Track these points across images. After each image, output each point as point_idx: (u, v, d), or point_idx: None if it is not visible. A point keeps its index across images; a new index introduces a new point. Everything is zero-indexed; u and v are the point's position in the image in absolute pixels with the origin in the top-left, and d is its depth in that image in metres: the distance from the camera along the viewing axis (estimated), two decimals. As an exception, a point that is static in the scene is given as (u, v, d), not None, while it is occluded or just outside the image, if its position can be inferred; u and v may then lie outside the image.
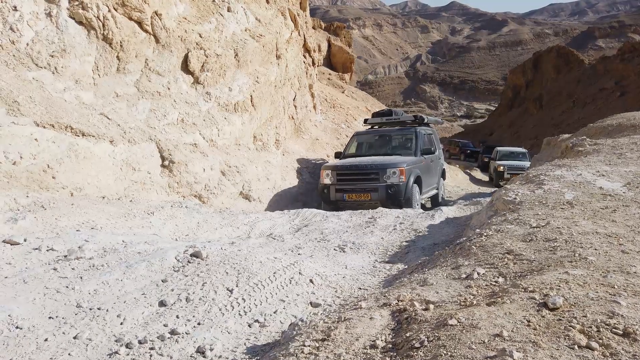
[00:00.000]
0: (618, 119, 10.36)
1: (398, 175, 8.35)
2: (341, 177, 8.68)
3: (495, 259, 2.52)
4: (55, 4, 7.11)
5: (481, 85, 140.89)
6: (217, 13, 10.21)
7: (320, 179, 9.08)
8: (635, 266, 2.06)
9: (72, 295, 2.52)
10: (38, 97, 6.15)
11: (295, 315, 2.54)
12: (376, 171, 8.46)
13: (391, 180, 8.31)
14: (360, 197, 8.39)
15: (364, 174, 8.56)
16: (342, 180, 8.65)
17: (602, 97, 43.19)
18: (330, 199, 8.60)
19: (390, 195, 8.21)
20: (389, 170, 8.36)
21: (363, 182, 8.50)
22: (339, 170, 8.78)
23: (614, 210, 3.30)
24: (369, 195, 8.32)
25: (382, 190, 8.25)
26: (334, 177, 8.73)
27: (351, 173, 8.67)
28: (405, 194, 8.34)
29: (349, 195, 8.44)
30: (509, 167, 20.14)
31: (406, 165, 8.55)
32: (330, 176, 8.79)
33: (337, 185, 8.63)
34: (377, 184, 8.35)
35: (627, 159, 5.45)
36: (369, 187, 8.41)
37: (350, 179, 8.61)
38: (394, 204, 8.10)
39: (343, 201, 8.46)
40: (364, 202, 8.34)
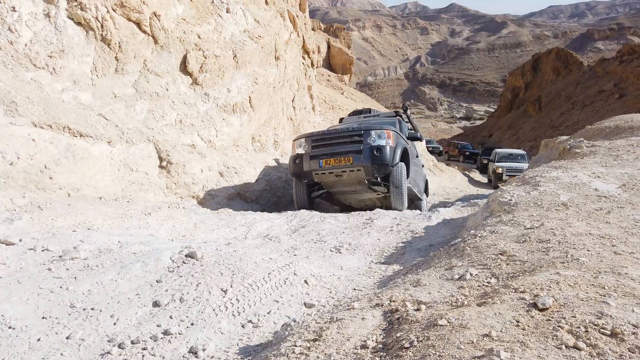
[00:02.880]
0: (616, 121, 10.38)
1: (385, 138, 7.30)
2: (317, 143, 7.57)
3: (488, 260, 2.52)
4: (54, 4, 7.13)
5: (480, 87, 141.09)
6: (216, 14, 10.23)
7: (292, 152, 7.96)
8: (626, 267, 2.07)
9: (65, 296, 2.52)
10: (36, 97, 6.16)
11: (288, 315, 2.54)
12: (359, 133, 7.37)
13: (377, 143, 7.23)
14: (340, 161, 7.17)
15: (345, 137, 7.44)
16: (319, 146, 7.53)
17: (601, 99, 43.24)
18: (304, 169, 7.41)
19: (375, 158, 7.06)
20: (374, 133, 7.32)
21: (344, 145, 7.36)
22: (315, 137, 7.71)
23: (609, 212, 3.31)
24: (350, 158, 7.14)
25: (366, 152, 7.11)
26: (309, 145, 7.59)
27: (329, 138, 7.58)
28: (393, 159, 7.23)
29: (326, 161, 7.23)
30: (507, 168, 20.19)
31: (393, 130, 7.55)
32: (303, 145, 7.66)
33: (312, 152, 7.47)
34: (360, 145, 7.24)
35: (623, 160, 5.46)
36: (350, 149, 7.24)
37: (329, 144, 7.49)
38: (380, 170, 7.14)
39: (319, 169, 7.26)
40: (344, 168, 7.16)
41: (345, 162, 7.16)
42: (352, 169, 7.16)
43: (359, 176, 7.23)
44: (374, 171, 7.09)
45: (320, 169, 7.27)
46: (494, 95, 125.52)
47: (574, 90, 49.47)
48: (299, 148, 7.68)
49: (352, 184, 7.48)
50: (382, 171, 7.14)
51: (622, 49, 48.79)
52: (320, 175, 7.37)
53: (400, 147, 7.49)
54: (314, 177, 7.39)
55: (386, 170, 7.17)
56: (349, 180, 7.37)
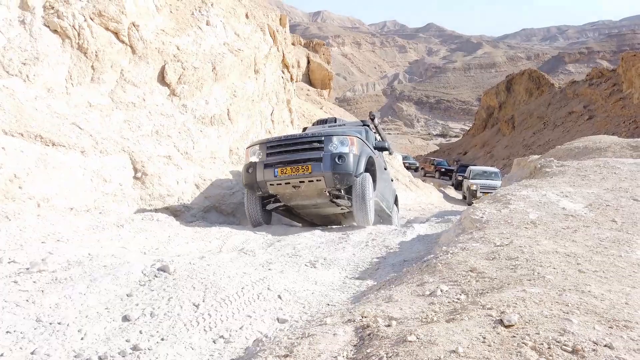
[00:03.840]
0: (585, 142, 10.72)
1: (348, 145, 6.66)
2: (273, 150, 6.88)
3: (459, 277, 2.57)
4: (30, 11, 7.03)
5: (456, 105, 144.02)
6: (196, 26, 10.24)
7: (245, 161, 7.21)
8: (589, 285, 2.14)
9: (32, 309, 2.46)
10: (8, 105, 6.03)
11: (261, 331, 2.53)
12: (319, 139, 6.68)
13: (339, 150, 6.57)
14: (298, 170, 6.47)
15: (304, 144, 6.75)
16: (274, 154, 6.85)
17: (571, 119, 44.60)
18: (257, 179, 6.68)
19: (337, 167, 6.39)
20: (336, 139, 6.68)
21: (302, 153, 6.67)
22: (270, 143, 7.00)
23: (575, 231, 3.41)
24: (309, 167, 6.43)
25: (326, 160, 6.42)
26: (263, 152, 6.91)
27: (286, 144, 6.86)
28: (357, 168, 6.54)
29: (282, 169, 6.53)
30: (481, 186, 20.59)
31: (357, 137, 6.88)
32: (257, 152, 6.98)
33: (266, 160, 6.78)
34: (321, 153, 6.55)
35: (590, 180, 5.64)
36: (309, 157, 6.54)
37: (285, 151, 6.80)
38: (342, 180, 6.47)
39: (274, 178, 6.56)
40: (302, 177, 6.46)
41: (303, 170, 6.46)
42: (311, 179, 6.48)
43: (319, 187, 6.57)
44: (335, 182, 6.46)
45: (276, 178, 6.58)
46: (469, 114, 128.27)
47: (545, 110, 50.94)
48: (252, 156, 7.02)
49: (312, 196, 6.85)
50: (344, 182, 6.50)
51: (592, 72, 50.57)
52: (275, 186, 6.69)
53: (365, 156, 6.85)
54: (269, 188, 6.71)
55: (349, 181, 6.52)
56: (308, 192, 6.72)
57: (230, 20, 11.61)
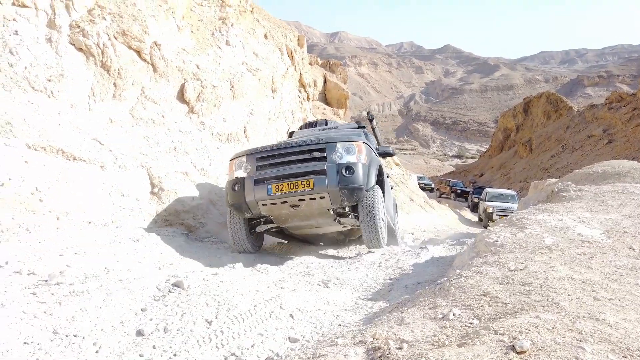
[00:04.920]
0: (604, 166, 10.59)
1: (355, 153, 5.67)
2: (264, 162, 5.78)
3: (472, 301, 2.56)
4: (56, 29, 7.28)
5: (473, 127, 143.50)
6: (216, 46, 10.47)
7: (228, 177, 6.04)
8: (604, 313, 2.12)
9: (49, 321, 2.51)
10: (32, 120, 6.21)
11: (272, 349, 2.54)
12: (321, 147, 5.66)
13: (345, 159, 5.60)
14: (297, 186, 5.38)
15: (302, 153, 5.69)
16: (266, 166, 5.76)
17: (590, 143, 44.08)
18: (246, 198, 5.56)
19: (345, 180, 5.41)
20: (341, 146, 5.67)
21: (300, 164, 5.61)
22: (260, 154, 5.86)
23: (591, 257, 3.37)
24: (311, 181, 5.37)
25: (332, 173, 5.42)
26: (252, 164, 5.80)
27: (280, 154, 5.76)
28: (368, 181, 5.62)
29: (278, 186, 5.43)
30: (498, 208, 20.39)
31: (365, 143, 5.94)
32: (245, 165, 5.85)
33: (257, 174, 5.68)
34: (323, 164, 5.54)
35: (608, 206, 5.57)
36: (310, 169, 5.51)
37: (280, 162, 5.71)
38: (351, 196, 5.50)
39: (268, 197, 5.46)
40: (302, 195, 5.40)
41: (303, 186, 5.38)
42: (313, 196, 5.42)
43: (323, 205, 5.54)
44: (343, 198, 5.47)
45: (269, 197, 5.45)
46: (485, 135, 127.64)
47: (563, 134, 50.46)
48: (238, 170, 5.86)
49: (313, 215, 5.80)
50: (354, 197, 5.52)
51: (611, 96, 50.12)
52: (269, 207, 5.57)
53: (375, 165, 5.93)
54: (261, 209, 5.60)
55: (359, 196, 5.55)
56: (309, 212, 5.66)
57: (249, 40, 11.85)
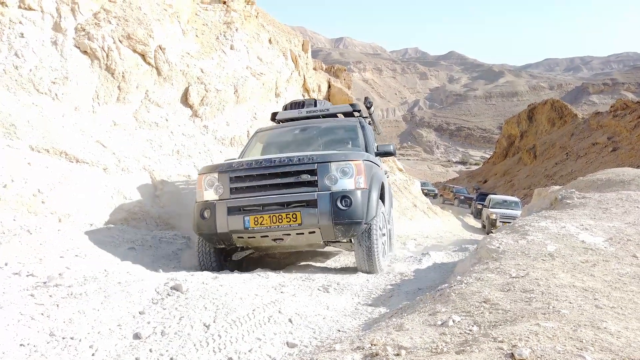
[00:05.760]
0: (608, 174, 10.53)
1: (354, 176, 4.70)
2: (240, 184, 4.78)
3: (472, 307, 2.53)
4: (62, 33, 7.32)
5: (477, 133, 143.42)
6: (220, 50, 10.50)
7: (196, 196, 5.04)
8: (606, 322, 2.09)
9: (46, 323, 2.50)
10: (36, 121, 6.24)
11: (270, 354, 2.52)
12: (311, 167, 4.65)
13: (341, 185, 4.64)
14: (281, 220, 4.52)
15: (287, 175, 4.69)
16: (243, 189, 4.77)
17: (594, 151, 43.94)
18: (217, 229, 4.67)
19: (340, 214, 4.53)
20: (336, 167, 4.68)
21: (284, 191, 4.66)
22: (236, 171, 4.80)
23: (594, 265, 3.34)
24: (297, 216, 4.52)
25: (324, 204, 4.52)
26: (224, 185, 4.78)
27: (260, 176, 4.75)
28: (368, 212, 4.69)
29: (257, 218, 4.54)
30: (501, 215, 20.31)
31: (365, 160, 4.92)
32: (216, 185, 4.82)
33: (230, 200, 4.72)
34: (314, 192, 4.60)
35: (611, 214, 5.53)
36: (297, 199, 4.60)
37: (259, 185, 4.73)
38: (348, 232, 4.65)
39: (245, 231, 4.60)
40: (287, 230, 4.57)
41: (288, 221, 4.52)
42: (300, 232, 4.61)
43: (311, 240, 4.76)
44: (336, 234, 4.65)
45: (247, 231, 4.60)
46: (490, 142, 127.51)
47: (568, 141, 50.33)
48: (208, 189, 4.86)
49: (299, 247, 5.16)
50: (350, 233, 4.69)
51: (616, 104, 49.98)
52: (246, 240, 4.77)
53: (376, 187, 4.97)
54: (236, 241, 4.80)
55: (357, 231, 4.71)
56: (295, 245, 4.92)
57: (253, 45, 11.88)
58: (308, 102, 7.26)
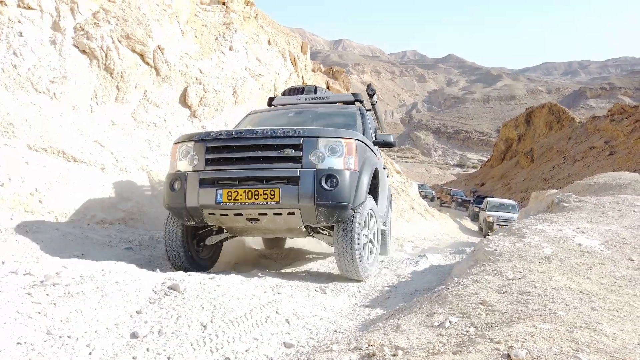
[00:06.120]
0: (605, 177, 10.57)
1: (343, 155, 4.22)
2: (216, 155, 4.32)
3: (468, 309, 2.54)
4: (61, 32, 7.32)
5: (475, 136, 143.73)
6: (219, 51, 10.51)
7: (169, 167, 4.61)
8: (602, 324, 2.10)
9: (43, 322, 2.50)
10: (34, 121, 6.23)
11: (267, 354, 2.52)
12: (296, 142, 4.18)
13: (328, 164, 4.16)
14: (257, 196, 4.03)
15: (269, 148, 4.21)
16: (219, 160, 4.31)
17: (591, 155, 44.09)
18: (187, 203, 4.23)
19: (323, 195, 4.04)
20: (324, 143, 4.21)
21: (265, 164, 4.19)
22: (212, 142, 4.33)
23: (590, 268, 3.36)
24: (276, 192, 4.02)
25: (307, 182, 4.04)
26: (200, 155, 4.33)
27: (239, 147, 4.27)
28: (356, 196, 4.21)
29: (230, 192, 4.07)
30: (498, 218, 20.37)
31: (357, 140, 4.42)
32: (191, 154, 4.37)
33: (204, 172, 4.27)
34: (297, 168, 4.12)
35: (608, 217, 5.55)
36: (276, 174, 4.12)
37: (237, 157, 4.27)
38: (331, 215, 4.17)
39: (217, 206, 4.13)
40: (263, 209, 4.11)
41: (266, 197, 4.03)
42: (278, 212, 4.14)
43: (290, 222, 4.29)
44: (318, 217, 4.16)
45: (219, 206, 4.13)
46: (487, 145, 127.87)
47: (565, 145, 50.49)
48: (182, 159, 4.41)
49: (278, 231, 4.68)
50: (334, 217, 4.20)
51: (613, 108, 50.18)
52: (218, 217, 4.30)
53: (368, 171, 4.46)
54: (207, 218, 4.33)
55: (341, 216, 4.22)
56: (273, 227, 4.44)
57: (252, 46, 11.89)
58: (308, 89, 6.77)
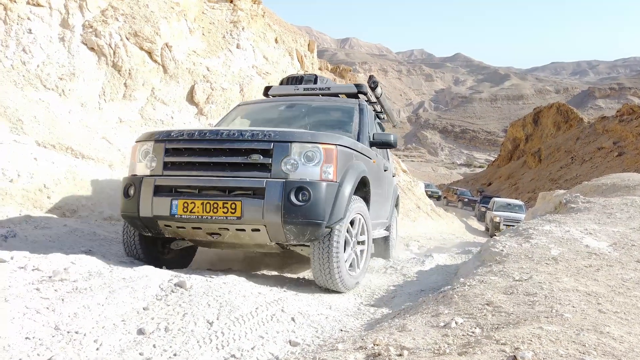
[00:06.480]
0: (613, 179, 10.49)
1: (320, 163, 3.65)
2: (175, 156, 3.81)
3: (475, 309, 2.54)
4: (70, 29, 7.36)
5: (482, 136, 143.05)
6: (227, 49, 10.53)
7: (128, 169, 4.15)
8: (609, 326, 2.09)
9: (51, 317, 2.52)
10: (42, 117, 6.27)
11: (272, 352, 2.53)
12: (265, 147, 3.63)
13: (300, 174, 3.61)
14: (216, 210, 3.53)
15: (234, 153, 3.67)
16: (178, 165, 3.80)
17: (600, 155, 43.77)
18: (140, 213, 3.75)
19: (293, 211, 3.52)
20: (298, 149, 3.65)
21: (228, 173, 3.64)
22: (173, 142, 3.79)
23: (598, 269, 3.34)
24: (237, 206, 3.51)
25: (273, 195, 3.51)
26: (158, 157, 3.82)
27: (203, 151, 3.75)
28: (332, 213, 3.64)
29: (187, 204, 3.57)
30: (505, 218, 20.27)
31: (339, 145, 3.81)
32: (150, 157, 3.87)
33: (161, 177, 3.77)
34: (263, 177, 3.59)
35: (616, 219, 5.51)
36: (240, 184, 3.59)
37: (199, 163, 3.74)
38: (301, 235, 3.64)
39: (173, 220, 3.64)
40: (223, 224, 3.59)
41: (225, 212, 3.51)
42: (241, 228, 3.61)
43: (256, 239, 3.76)
44: (287, 236, 3.64)
45: (174, 219, 3.62)
46: (494, 145, 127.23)
47: (573, 145, 50.16)
48: (142, 161, 3.92)
49: (246, 247, 4.17)
50: (305, 237, 3.67)
51: (622, 109, 49.79)
52: (175, 230, 3.78)
53: (351, 180, 3.86)
54: (163, 230, 3.83)
55: (314, 235, 3.66)
56: (238, 243, 3.93)
57: (259, 44, 11.90)
58: (307, 78, 6.15)
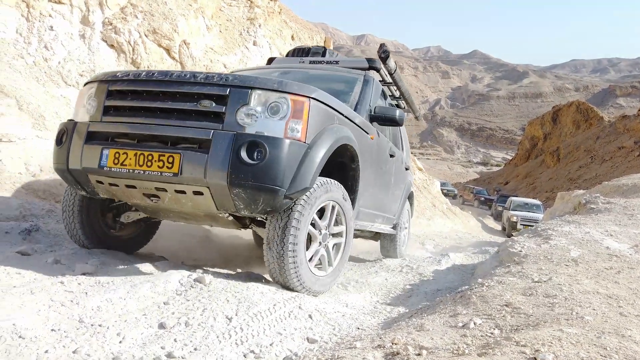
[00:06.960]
0: (634, 179, 10.31)
1: (287, 117, 2.91)
2: (118, 100, 3.14)
3: (493, 310, 2.53)
4: (90, 26, 7.48)
5: (499, 134, 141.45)
6: (243, 46, 10.59)
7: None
8: (630, 330, 2.07)
9: (75, 310, 2.58)
10: (64, 113, 6.39)
11: (290, 349, 2.56)
12: (220, 92, 2.91)
13: (259, 127, 2.87)
14: (150, 162, 2.87)
15: (184, 97, 2.97)
16: (120, 110, 3.15)
17: (620, 155, 42.97)
18: (69, 164, 3.14)
19: (241, 171, 2.78)
20: (260, 97, 2.90)
21: (173, 122, 2.95)
22: (117, 83, 3.14)
23: (619, 272, 3.29)
24: (175, 159, 2.84)
25: (219, 150, 2.79)
26: (99, 100, 3.18)
27: (148, 94, 3.05)
28: (297, 179, 2.90)
29: (118, 154, 2.94)
30: (522, 218, 20.07)
31: (313, 99, 3.03)
32: (92, 100, 3.22)
33: (97, 123, 3.13)
34: (213, 128, 2.87)
35: (637, 220, 5.43)
36: (183, 135, 2.89)
37: (144, 109, 3.06)
38: (252, 205, 2.95)
39: (101, 172, 3.02)
40: (158, 182, 2.94)
41: (161, 166, 2.89)
42: (180, 189, 2.99)
43: (202, 207, 3.12)
44: (236, 203, 2.96)
45: (104, 172, 3.03)
46: (512, 143, 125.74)
47: (593, 144, 49.32)
48: (84, 104, 3.27)
49: (196, 217, 3.48)
50: (257, 205, 2.97)
51: (644, 107, 48.74)
52: (107, 187, 3.18)
53: (326, 143, 3.10)
54: (96, 188, 3.24)
55: (270, 204, 2.96)
56: (182, 210, 3.28)
57: (276, 41, 11.94)
58: (315, 50, 5.50)
